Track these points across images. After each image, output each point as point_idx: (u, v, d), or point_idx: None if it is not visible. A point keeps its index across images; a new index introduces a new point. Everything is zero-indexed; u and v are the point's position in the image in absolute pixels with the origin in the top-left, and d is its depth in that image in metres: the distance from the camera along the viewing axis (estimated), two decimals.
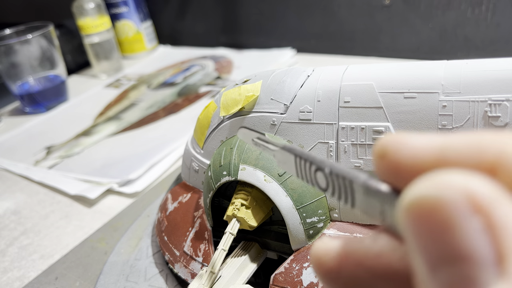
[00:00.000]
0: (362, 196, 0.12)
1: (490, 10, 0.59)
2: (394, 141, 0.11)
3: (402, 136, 0.11)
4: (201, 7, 0.87)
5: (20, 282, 0.36)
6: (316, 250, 0.12)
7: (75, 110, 0.71)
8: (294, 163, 0.15)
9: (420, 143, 0.10)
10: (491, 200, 0.08)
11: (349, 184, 0.12)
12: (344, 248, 0.12)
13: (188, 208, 0.34)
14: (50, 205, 0.47)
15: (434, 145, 0.10)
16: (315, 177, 0.14)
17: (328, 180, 0.13)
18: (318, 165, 0.14)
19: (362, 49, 0.72)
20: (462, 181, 0.08)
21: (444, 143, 0.10)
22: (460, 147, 0.10)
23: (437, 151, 0.10)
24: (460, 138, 0.10)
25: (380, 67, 0.26)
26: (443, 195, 0.08)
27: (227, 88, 0.32)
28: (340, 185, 0.13)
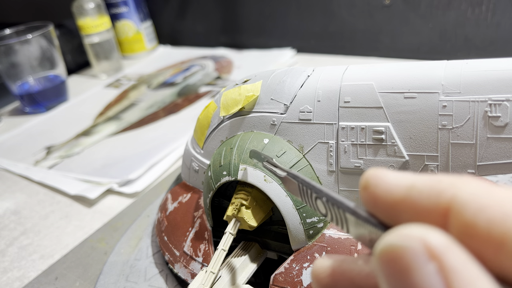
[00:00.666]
0: (354, 224, 0.13)
1: (490, 10, 0.59)
2: (374, 175, 0.12)
3: (381, 171, 0.12)
4: (201, 7, 0.87)
5: (20, 282, 0.36)
6: (315, 267, 0.14)
7: (75, 110, 0.72)
8: (298, 189, 0.17)
9: (393, 180, 0.12)
10: (443, 249, 0.10)
11: (342, 212, 0.14)
12: (340, 266, 0.13)
13: (188, 208, 0.33)
14: (50, 205, 0.47)
15: (403, 184, 0.12)
16: (316, 204, 0.15)
17: (326, 208, 0.15)
18: (317, 193, 0.15)
19: (362, 49, 0.72)
20: (420, 233, 0.10)
21: (411, 183, 0.12)
22: (422, 188, 0.11)
23: (405, 190, 0.12)
24: (424, 180, 0.12)
25: (380, 67, 0.26)
26: (405, 244, 0.10)
27: (227, 88, 0.32)
28: (336, 213, 0.14)
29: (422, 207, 0.11)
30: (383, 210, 0.12)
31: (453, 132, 0.23)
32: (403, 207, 0.12)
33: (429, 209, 0.11)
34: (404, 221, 0.12)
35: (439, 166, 0.24)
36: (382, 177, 0.12)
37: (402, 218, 0.12)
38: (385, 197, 0.12)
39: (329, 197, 0.14)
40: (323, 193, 0.15)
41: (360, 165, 0.26)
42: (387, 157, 0.25)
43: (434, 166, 0.24)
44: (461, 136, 0.23)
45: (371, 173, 0.13)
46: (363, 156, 0.26)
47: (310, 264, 0.26)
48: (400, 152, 0.25)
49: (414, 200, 0.11)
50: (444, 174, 0.12)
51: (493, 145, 0.23)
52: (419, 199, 0.11)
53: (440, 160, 0.24)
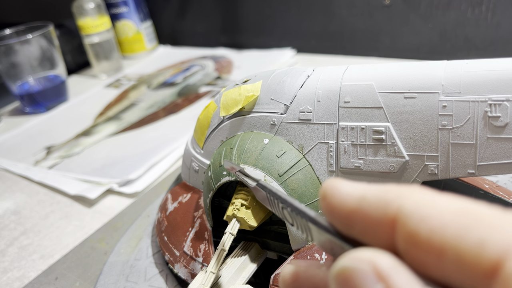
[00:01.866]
0: (316, 233, 0.14)
1: (490, 10, 0.59)
2: (331, 186, 0.13)
3: (337, 182, 0.13)
4: (201, 7, 0.87)
5: (20, 282, 0.36)
6: (283, 272, 0.15)
7: (75, 110, 0.72)
8: (266, 199, 0.17)
9: (347, 191, 0.12)
10: (390, 270, 0.10)
11: (306, 222, 0.14)
12: (305, 272, 0.14)
13: (188, 208, 0.33)
14: (50, 205, 0.47)
15: (355, 194, 0.12)
16: (284, 214, 0.16)
17: (292, 218, 0.15)
18: (283, 203, 0.15)
19: (362, 49, 0.72)
20: (370, 255, 0.11)
21: (362, 194, 0.12)
22: (372, 199, 0.12)
23: (357, 201, 0.12)
24: (374, 191, 0.12)
25: (380, 67, 0.26)
26: (356, 267, 0.11)
27: (227, 88, 0.32)
28: (300, 222, 0.14)
29: (371, 218, 0.12)
30: (339, 220, 0.12)
31: (453, 132, 0.23)
32: (355, 217, 0.12)
33: (377, 220, 0.11)
34: (357, 231, 0.12)
35: (439, 166, 0.24)
36: (337, 187, 0.13)
37: (355, 228, 0.12)
38: (339, 208, 0.12)
39: (293, 207, 0.15)
40: (287, 203, 0.15)
41: (360, 165, 0.26)
42: (387, 157, 0.25)
43: (434, 166, 0.24)
44: (461, 136, 0.23)
45: (329, 183, 0.13)
46: (363, 156, 0.26)
47: None
48: (400, 152, 0.25)
49: (364, 211, 0.12)
50: (394, 183, 0.12)
51: (493, 145, 0.23)
52: (369, 210, 0.12)
53: (440, 160, 0.24)
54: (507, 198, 0.29)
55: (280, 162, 0.27)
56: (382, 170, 0.25)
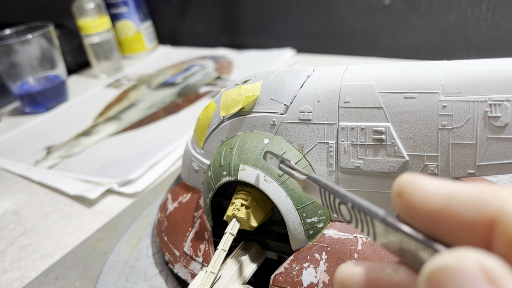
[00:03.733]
0: (382, 232, 0.13)
1: (490, 10, 0.59)
2: (410, 182, 0.12)
3: (417, 178, 0.12)
4: (201, 7, 0.87)
5: (20, 282, 0.36)
6: (341, 273, 0.13)
7: (75, 110, 0.72)
8: (319, 193, 0.16)
9: (432, 188, 0.11)
10: (501, 275, 0.10)
11: (370, 219, 0.13)
12: (368, 274, 0.13)
13: (188, 208, 0.34)
14: (50, 205, 0.47)
15: (443, 192, 0.11)
16: (339, 209, 0.15)
17: (351, 214, 0.14)
18: (341, 198, 0.14)
19: (362, 49, 0.72)
20: (478, 257, 0.10)
21: (452, 192, 0.11)
22: (465, 198, 0.11)
23: (445, 199, 0.11)
24: (467, 189, 0.11)
25: (380, 67, 0.26)
26: (463, 266, 0.10)
27: (227, 88, 0.32)
28: (362, 219, 0.13)
29: (464, 218, 0.11)
30: (419, 219, 0.12)
31: (453, 132, 0.23)
32: (442, 217, 0.11)
33: (472, 220, 0.11)
34: (443, 231, 0.11)
35: (439, 166, 0.24)
36: (419, 184, 0.12)
37: (440, 228, 0.11)
38: (422, 206, 0.11)
39: (355, 203, 0.14)
40: (348, 198, 0.14)
41: (360, 165, 0.26)
42: (387, 157, 0.25)
43: (434, 166, 0.24)
44: (461, 136, 0.23)
45: (406, 179, 0.12)
46: (363, 156, 0.26)
47: (310, 264, 0.26)
48: (400, 152, 0.25)
49: (455, 210, 0.11)
50: (487, 183, 0.11)
51: (493, 145, 0.23)
52: (461, 209, 0.11)
53: (440, 160, 0.24)
54: None
55: None
56: (382, 170, 0.25)
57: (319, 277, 0.25)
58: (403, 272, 0.12)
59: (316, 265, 0.26)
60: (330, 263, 0.26)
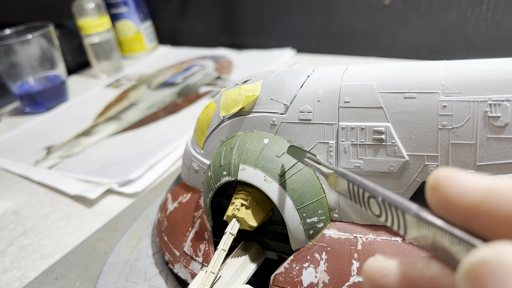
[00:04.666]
0: (415, 226, 0.12)
1: (490, 10, 0.59)
2: (447, 176, 0.12)
3: (454, 172, 0.12)
4: (201, 7, 0.87)
5: (20, 282, 0.36)
6: (370, 266, 0.13)
7: (75, 110, 0.72)
8: (347, 188, 0.16)
9: (470, 182, 0.11)
10: None
11: (402, 214, 0.13)
12: (399, 269, 0.13)
13: (188, 208, 0.34)
14: (50, 205, 0.47)
15: (482, 186, 0.11)
16: (369, 204, 0.15)
17: (381, 208, 0.14)
18: (371, 192, 0.14)
19: (362, 49, 0.72)
20: None
21: (491, 186, 0.11)
22: (505, 193, 0.11)
23: (484, 193, 0.11)
24: (506, 184, 0.11)
25: (380, 67, 0.26)
26: (504, 260, 0.09)
27: (227, 88, 0.32)
28: (393, 213, 0.13)
29: (504, 213, 0.11)
30: (456, 213, 0.12)
31: (453, 132, 0.23)
32: (481, 211, 0.11)
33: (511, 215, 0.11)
34: (481, 226, 0.11)
35: (439, 166, 0.24)
36: (456, 178, 0.12)
37: (478, 223, 0.11)
38: (459, 200, 0.11)
39: (385, 197, 0.14)
40: (378, 192, 0.14)
41: (360, 165, 0.26)
42: (387, 157, 0.25)
43: (434, 166, 0.24)
44: (461, 136, 0.23)
45: (442, 173, 0.12)
46: (363, 156, 0.26)
47: (310, 264, 0.26)
48: (400, 152, 0.25)
49: (494, 205, 0.11)
50: None
51: (493, 145, 0.23)
52: (501, 204, 0.11)
53: (440, 160, 0.24)
54: None
55: (280, 162, 0.27)
56: (382, 170, 0.25)
57: (319, 277, 0.25)
58: (435, 266, 0.12)
59: (316, 265, 0.26)
60: (330, 263, 0.26)
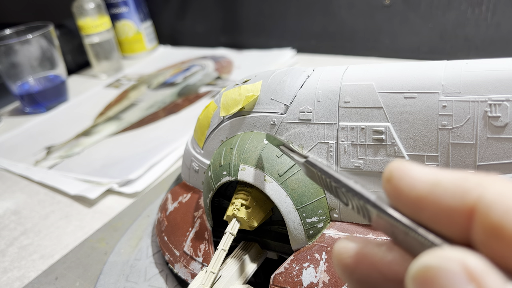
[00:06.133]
0: (375, 215, 0.13)
1: (490, 10, 0.59)
2: (399, 168, 0.12)
3: (405, 164, 0.12)
4: (201, 7, 0.87)
5: (20, 282, 0.36)
6: (338, 247, 0.14)
7: (75, 110, 0.72)
8: (317, 178, 0.17)
9: (418, 175, 0.12)
10: (482, 272, 0.10)
11: (363, 204, 0.13)
12: (363, 249, 0.13)
13: (188, 208, 0.34)
14: (50, 205, 0.47)
15: (428, 179, 0.12)
16: (337, 193, 0.15)
17: (347, 198, 0.14)
18: (336, 184, 0.15)
19: (362, 49, 0.72)
20: (459, 255, 0.10)
21: (436, 179, 0.12)
22: (448, 186, 0.11)
23: (430, 186, 0.12)
24: (450, 177, 0.11)
25: (380, 67, 0.26)
26: (444, 266, 0.10)
27: (227, 88, 0.32)
28: (357, 203, 0.14)
29: (445, 205, 0.11)
30: (406, 205, 0.12)
31: (453, 132, 0.23)
32: (426, 203, 0.11)
33: (453, 208, 0.11)
34: (426, 217, 0.12)
35: (439, 166, 0.24)
36: (407, 170, 0.12)
37: (424, 214, 0.12)
38: (408, 192, 0.12)
39: (348, 188, 0.14)
40: (341, 183, 0.14)
41: (360, 165, 0.26)
42: (387, 157, 0.25)
43: (434, 166, 0.24)
44: (461, 136, 0.23)
45: (395, 165, 0.12)
46: (363, 156, 0.26)
47: (310, 264, 0.26)
48: (400, 152, 0.25)
49: (438, 197, 0.11)
50: (471, 172, 0.11)
51: (493, 145, 0.23)
52: (444, 196, 0.11)
53: (440, 160, 0.24)
54: None
55: (280, 162, 0.27)
56: (382, 170, 0.25)
57: (319, 277, 0.26)
58: (396, 252, 0.13)
59: (316, 265, 0.26)
60: (330, 263, 0.26)
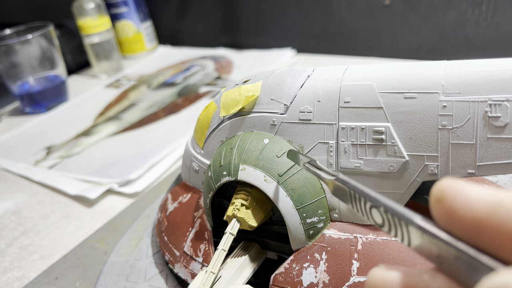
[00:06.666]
0: (419, 238, 0.12)
1: (490, 10, 0.59)
2: (452, 187, 0.11)
3: (460, 184, 0.11)
4: (201, 7, 0.87)
5: (20, 282, 0.36)
6: (373, 278, 0.13)
7: (75, 110, 0.72)
8: (348, 196, 0.16)
9: (476, 195, 0.11)
10: None
11: (405, 225, 0.12)
12: (404, 280, 0.12)
13: (188, 208, 0.34)
14: (50, 205, 0.47)
15: (489, 200, 0.11)
16: (371, 213, 0.14)
17: (384, 218, 0.13)
18: (373, 202, 0.14)
19: (362, 49, 0.72)
20: None
21: (498, 200, 0.11)
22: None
23: (491, 207, 0.11)
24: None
25: (380, 67, 0.26)
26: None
27: (227, 88, 0.32)
28: (396, 224, 0.13)
29: (511, 228, 0.10)
30: (461, 227, 0.11)
31: (453, 132, 0.23)
32: (486, 226, 0.11)
33: None
34: (487, 241, 0.11)
35: (439, 166, 0.24)
36: (461, 189, 0.11)
37: (484, 238, 0.11)
38: (464, 213, 0.11)
39: (388, 208, 0.13)
40: (380, 202, 0.13)
41: (360, 165, 0.26)
42: (387, 157, 0.25)
43: (434, 166, 0.24)
44: (461, 136, 0.23)
45: (447, 184, 0.11)
46: (363, 156, 0.26)
47: (310, 264, 0.26)
48: (400, 152, 0.25)
49: (501, 219, 0.10)
50: (489, 184, 0.11)
51: (493, 145, 0.23)
52: (508, 219, 0.10)
53: (440, 160, 0.24)
54: None
55: (280, 162, 0.27)
56: (382, 170, 0.25)
57: (319, 277, 0.26)
58: (441, 280, 0.12)
59: (316, 265, 0.26)
60: (330, 263, 0.26)
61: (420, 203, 0.27)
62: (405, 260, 0.25)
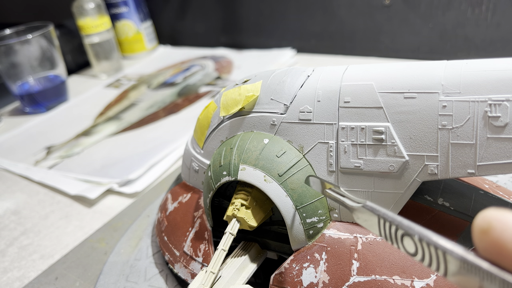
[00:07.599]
0: (458, 268, 0.12)
1: (490, 10, 0.59)
2: (500, 219, 0.11)
3: (507, 214, 0.11)
4: (201, 7, 0.87)
5: (20, 282, 0.36)
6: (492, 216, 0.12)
7: (75, 110, 0.72)
8: (377, 224, 0.15)
9: None
10: None
11: (442, 254, 0.12)
12: None
13: (188, 208, 0.34)
14: (50, 205, 0.47)
15: None
16: (402, 242, 0.14)
17: (417, 247, 0.13)
18: (406, 230, 0.13)
19: (362, 49, 0.72)
20: None
21: None
22: None
23: None
24: None
25: (380, 67, 0.26)
26: None
27: (227, 88, 0.32)
28: (431, 253, 0.12)
29: None
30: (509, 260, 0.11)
31: (453, 132, 0.23)
32: None
33: None
34: None
35: (439, 166, 0.24)
36: (510, 221, 0.11)
37: None
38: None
39: (423, 236, 0.13)
40: (415, 231, 0.13)
41: (360, 165, 0.26)
42: (387, 157, 0.25)
43: (434, 166, 0.24)
44: (461, 136, 0.23)
45: (494, 215, 0.11)
46: (363, 156, 0.26)
47: (310, 264, 0.26)
48: (400, 152, 0.25)
49: None
50: None
51: (493, 145, 0.23)
52: None
53: (440, 160, 0.24)
54: (507, 198, 0.29)
55: (280, 162, 0.27)
56: (382, 170, 0.25)
57: (319, 277, 0.26)
58: None
59: (316, 265, 0.26)
60: (330, 263, 0.26)
61: (420, 203, 0.27)
62: (405, 261, 0.25)
